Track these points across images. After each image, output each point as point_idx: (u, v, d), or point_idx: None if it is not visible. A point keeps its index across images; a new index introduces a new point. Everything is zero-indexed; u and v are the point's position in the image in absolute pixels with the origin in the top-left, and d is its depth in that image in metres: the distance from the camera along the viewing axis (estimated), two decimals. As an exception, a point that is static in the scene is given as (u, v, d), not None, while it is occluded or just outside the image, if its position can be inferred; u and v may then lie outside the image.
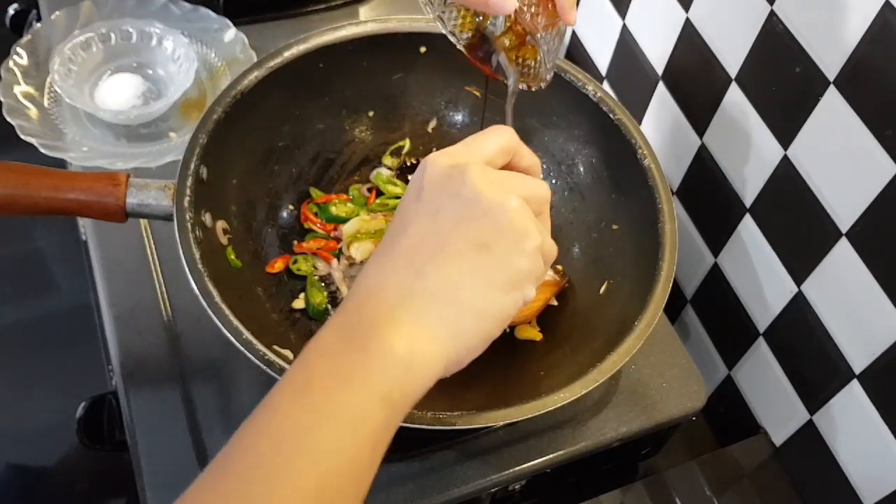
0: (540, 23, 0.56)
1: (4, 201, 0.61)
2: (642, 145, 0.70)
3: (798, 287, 0.70)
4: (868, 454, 0.67)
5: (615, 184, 0.74)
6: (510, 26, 0.58)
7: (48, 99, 0.83)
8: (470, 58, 0.61)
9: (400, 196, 0.78)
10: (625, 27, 0.86)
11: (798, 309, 0.70)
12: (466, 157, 0.47)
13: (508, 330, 0.72)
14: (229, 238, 0.67)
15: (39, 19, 0.93)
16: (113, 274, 0.74)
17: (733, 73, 0.71)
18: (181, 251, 0.59)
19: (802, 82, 0.64)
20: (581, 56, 0.96)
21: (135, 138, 0.83)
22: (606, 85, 0.93)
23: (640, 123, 0.86)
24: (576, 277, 0.74)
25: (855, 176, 0.62)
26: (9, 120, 0.78)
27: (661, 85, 0.82)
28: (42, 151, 0.77)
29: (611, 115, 0.71)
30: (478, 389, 0.66)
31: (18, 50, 0.84)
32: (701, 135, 0.78)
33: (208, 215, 0.65)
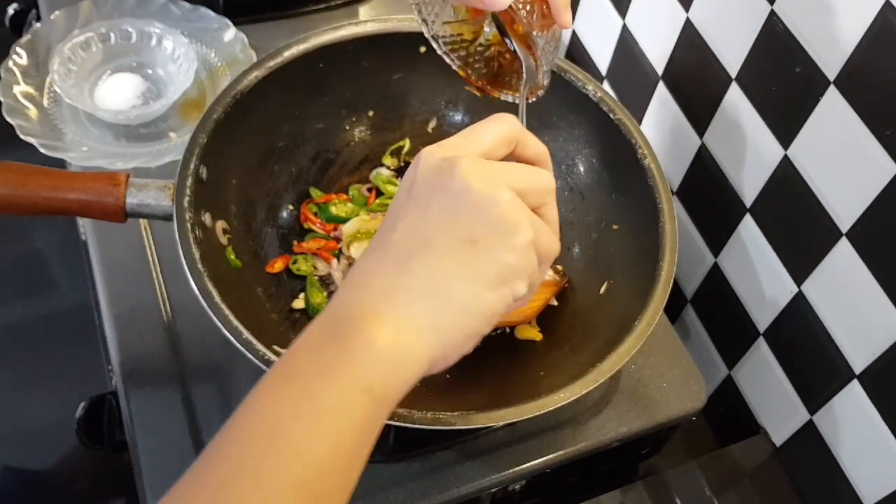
0: (535, 23, 0.56)
1: (4, 201, 0.61)
2: (642, 145, 0.70)
3: (798, 287, 0.70)
4: (868, 454, 0.67)
5: (615, 184, 0.74)
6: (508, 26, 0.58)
7: (48, 99, 0.83)
8: (465, 77, 0.60)
9: (400, 196, 0.78)
10: (625, 27, 0.86)
11: (798, 309, 0.70)
12: (462, 150, 0.45)
13: (508, 330, 0.72)
14: (229, 238, 0.67)
15: (39, 19, 0.93)
16: (113, 274, 0.74)
17: (733, 73, 0.71)
18: (181, 251, 0.59)
19: (803, 82, 0.64)
20: (581, 56, 0.96)
21: (134, 138, 0.83)
22: (606, 85, 0.93)
23: (641, 123, 0.86)
24: (576, 277, 0.74)
25: (855, 176, 0.61)
26: (8, 120, 0.78)
27: (662, 85, 0.82)
28: (42, 151, 0.77)
29: (611, 115, 0.71)
30: (478, 389, 0.66)
31: (18, 50, 0.84)
32: (701, 135, 0.78)
33: (208, 215, 0.65)
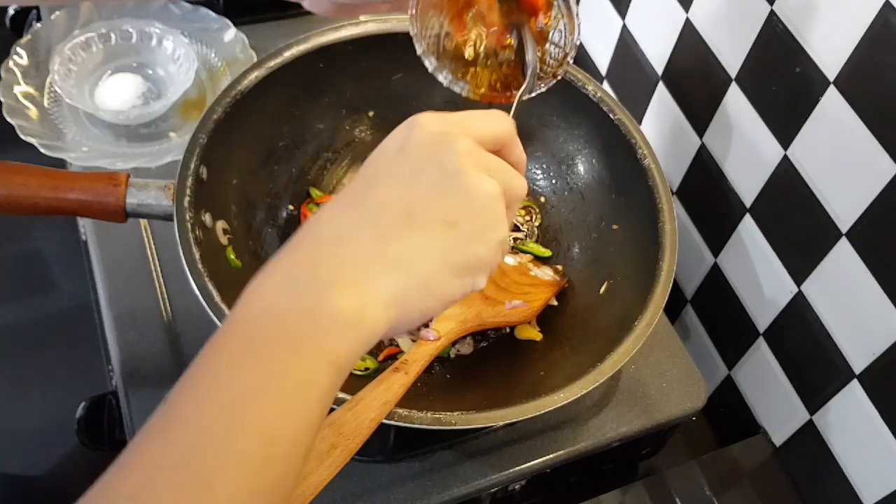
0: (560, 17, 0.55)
1: (5, 201, 0.61)
2: (642, 145, 0.70)
3: (798, 287, 0.70)
4: (868, 454, 0.67)
5: (615, 184, 0.74)
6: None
7: (48, 99, 0.83)
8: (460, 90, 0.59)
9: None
10: (625, 27, 0.86)
11: (798, 309, 0.70)
12: (459, 129, 0.44)
13: (508, 330, 0.72)
14: (229, 238, 0.67)
15: (39, 19, 0.93)
16: (113, 274, 0.74)
17: (733, 74, 0.71)
18: (181, 251, 0.59)
19: (802, 82, 0.64)
20: (581, 56, 0.96)
21: (135, 138, 0.83)
22: (606, 85, 0.93)
23: (641, 123, 0.86)
24: (576, 277, 0.74)
25: (855, 176, 0.62)
26: (9, 120, 0.78)
27: (662, 85, 0.82)
28: (42, 151, 0.77)
29: (611, 115, 0.72)
30: (478, 389, 0.66)
31: (18, 50, 0.84)
32: (701, 135, 0.78)
33: (208, 215, 0.65)
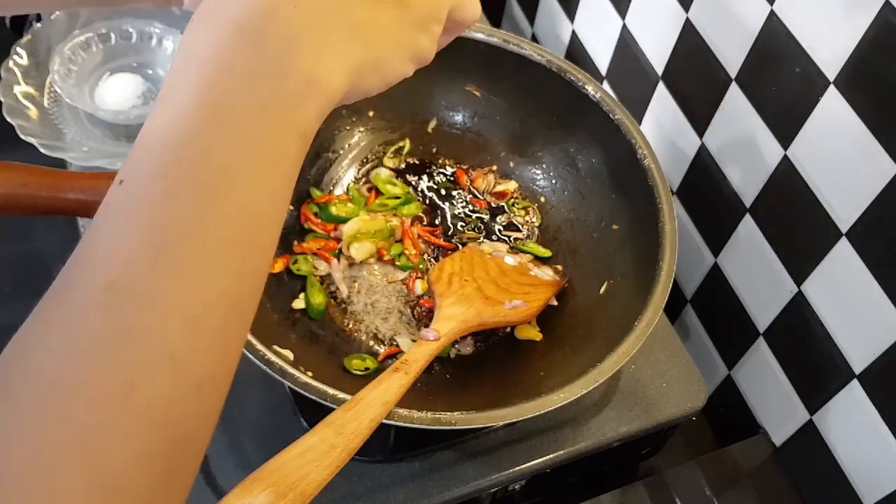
0: None
1: (4, 201, 0.61)
2: (642, 145, 0.70)
3: (798, 287, 0.70)
4: (868, 454, 0.67)
5: (615, 184, 0.74)
6: None
7: (48, 99, 0.83)
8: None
9: (399, 196, 0.78)
10: (625, 27, 0.86)
11: (798, 309, 0.70)
12: None
13: (508, 330, 0.72)
14: (229, 238, 0.67)
15: (39, 19, 0.93)
16: (113, 274, 0.74)
17: (733, 73, 0.71)
18: (181, 251, 0.59)
19: (802, 82, 0.64)
20: (581, 56, 0.96)
21: (135, 138, 0.83)
22: (606, 85, 0.93)
23: (640, 123, 0.86)
24: (576, 277, 0.74)
25: (855, 176, 0.62)
26: (9, 120, 0.78)
27: (662, 85, 0.82)
28: (42, 151, 0.77)
29: (611, 115, 0.72)
30: (478, 389, 0.66)
31: (18, 50, 0.84)
32: (701, 135, 0.78)
33: (208, 215, 0.65)
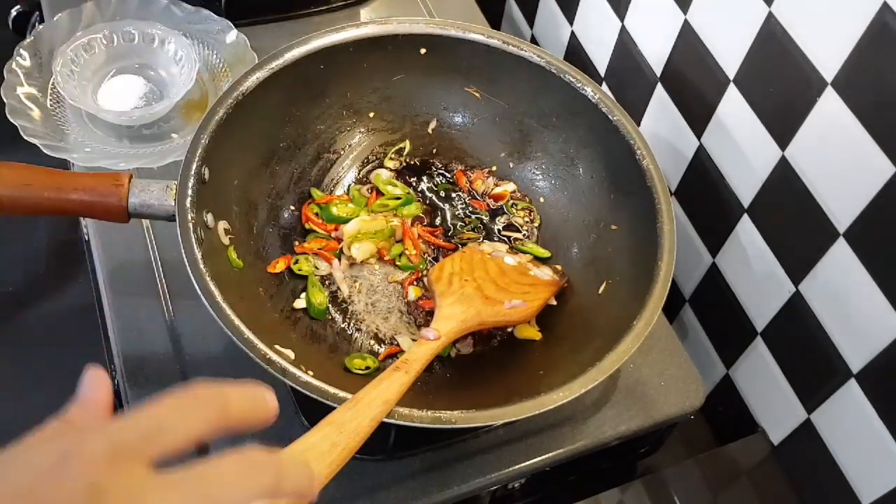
0: None
1: (8, 201, 0.61)
2: (641, 146, 0.70)
3: (796, 287, 0.70)
4: (865, 453, 0.67)
5: (614, 184, 0.74)
6: None
7: (51, 100, 0.84)
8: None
9: (400, 197, 0.78)
10: (623, 29, 0.87)
11: (796, 308, 0.71)
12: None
13: (508, 329, 0.72)
14: (231, 238, 0.67)
15: (42, 21, 0.93)
16: (115, 274, 0.74)
17: (731, 75, 0.72)
18: (183, 251, 0.60)
19: (800, 84, 0.64)
20: (580, 57, 0.96)
21: (137, 139, 0.84)
22: (605, 86, 0.93)
23: (639, 124, 0.87)
24: (575, 277, 0.75)
25: (852, 177, 0.62)
26: (12, 121, 0.79)
27: (660, 86, 0.83)
28: (45, 152, 0.77)
29: (610, 117, 0.72)
30: (478, 388, 0.67)
31: (21, 51, 0.84)
32: (699, 136, 0.78)
33: (210, 215, 0.65)
